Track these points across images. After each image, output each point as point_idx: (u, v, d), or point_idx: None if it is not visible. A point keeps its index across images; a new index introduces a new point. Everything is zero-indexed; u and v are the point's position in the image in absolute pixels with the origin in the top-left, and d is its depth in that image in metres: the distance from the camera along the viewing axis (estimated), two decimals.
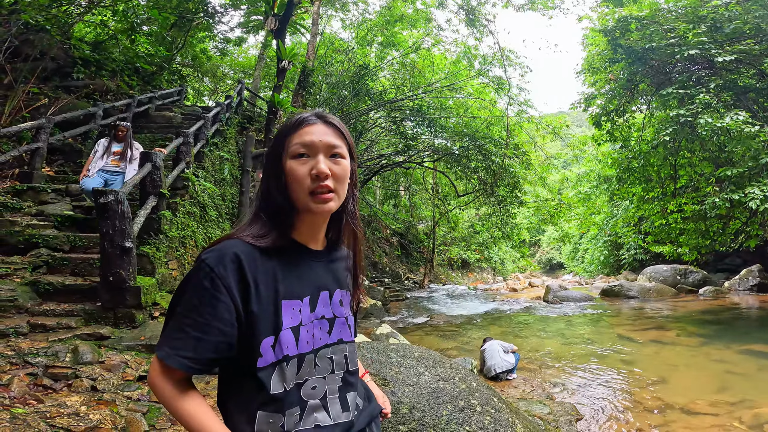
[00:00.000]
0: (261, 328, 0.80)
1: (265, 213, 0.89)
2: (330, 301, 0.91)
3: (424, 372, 2.39)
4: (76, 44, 9.50)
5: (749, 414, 3.33)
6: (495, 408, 2.25)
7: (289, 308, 0.83)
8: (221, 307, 0.78)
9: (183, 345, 0.78)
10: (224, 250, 0.81)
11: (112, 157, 5.57)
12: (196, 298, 0.79)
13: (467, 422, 2.12)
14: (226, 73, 21.70)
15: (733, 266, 13.59)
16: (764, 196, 7.00)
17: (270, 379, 0.80)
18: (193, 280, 0.80)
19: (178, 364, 0.78)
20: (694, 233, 10.04)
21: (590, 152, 20.39)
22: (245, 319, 0.80)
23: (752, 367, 4.63)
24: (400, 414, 2.13)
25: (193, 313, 0.79)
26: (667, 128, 8.74)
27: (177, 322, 0.80)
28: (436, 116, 14.65)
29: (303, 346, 0.83)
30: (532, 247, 41.32)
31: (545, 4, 15.82)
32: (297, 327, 0.83)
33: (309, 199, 0.85)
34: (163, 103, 11.29)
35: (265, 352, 0.80)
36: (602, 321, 8.22)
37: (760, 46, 8.29)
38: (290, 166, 0.86)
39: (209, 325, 0.78)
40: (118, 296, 4.18)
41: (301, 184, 0.85)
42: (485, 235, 20.37)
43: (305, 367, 0.84)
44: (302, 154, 0.86)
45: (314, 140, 0.86)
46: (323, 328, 0.89)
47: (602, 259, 21.93)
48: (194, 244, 6.85)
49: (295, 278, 0.86)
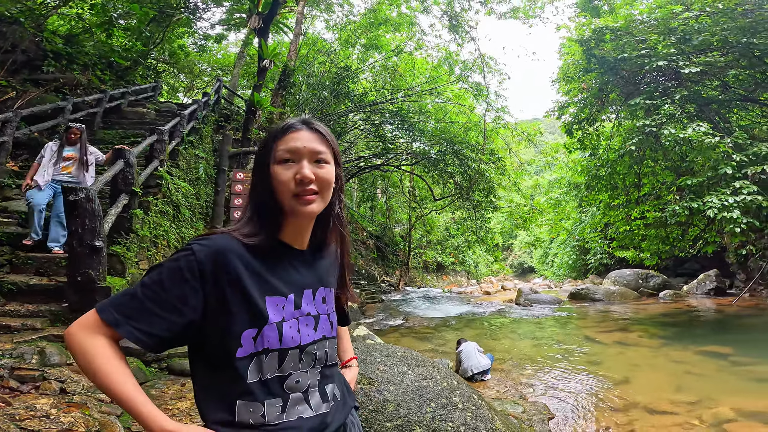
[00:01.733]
0: (242, 319, 0.83)
1: (256, 213, 0.92)
2: (313, 299, 0.95)
3: (407, 371, 2.46)
4: (48, 37, 9.14)
5: (709, 413, 3.53)
6: (476, 405, 2.34)
7: (273, 304, 0.86)
8: (190, 291, 0.81)
9: (139, 316, 0.79)
10: (214, 241, 0.85)
11: (63, 163, 4.95)
12: (169, 277, 0.81)
13: (450, 419, 2.20)
14: (204, 70, 21.22)
15: (692, 271, 14.29)
16: (722, 204, 7.35)
17: (247, 369, 0.82)
18: (173, 261, 0.82)
19: (128, 334, 0.78)
20: (655, 239, 10.50)
21: (562, 159, 21.07)
22: (221, 309, 0.82)
23: (710, 368, 4.91)
24: (386, 411, 2.20)
25: (161, 290, 0.80)
26: (634, 138, 9.00)
27: (139, 293, 0.80)
28: (415, 120, 14.81)
29: (287, 341, 0.86)
30: (505, 251, 42.22)
31: (526, 12, 16.27)
32: (281, 323, 0.86)
33: (294, 202, 0.89)
34: (137, 98, 10.97)
35: (246, 342, 0.82)
36: (570, 323, 8.51)
37: (726, 58, 8.63)
38: (276, 170, 0.90)
39: (171, 304, 0.80)
40: (86, 297, 4.03)
41: (286, 188, 0.89)
42: (460, 239, 20.67)
43: (289, 362, 0.87)
44: (287, 159, 0.90)
45: (299, 146, 0.90)
46: (309, 324, 0.92)
47: (570, 263, 22.66)
48: (166, 244, 6.68)
49: (280, 276, 0.90)
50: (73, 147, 5.09)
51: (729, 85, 9.52)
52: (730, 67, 8.76)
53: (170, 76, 19.50)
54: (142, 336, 0.79)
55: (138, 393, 0.78)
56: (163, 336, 0.80)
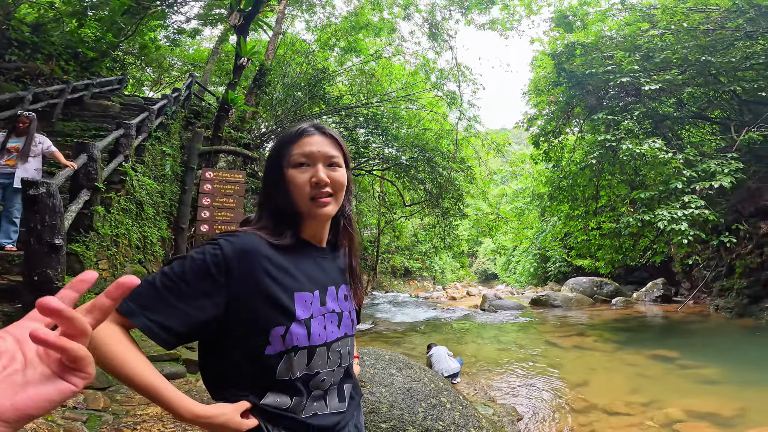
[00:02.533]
0: (271, 317, 0.83)
1: (273, 215, 0.94)
2: (337, 296, 0.97)
3: (396, 373, 2.53)
4: (15, 25, 8.67)
5: (660, 413, 3.79)
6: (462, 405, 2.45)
7: (302, 300, 0.87)
8: (214, 286, 0.79)
9: (155, 307, 0.75)
10: (241, 239, 0.86)
11: (7, 156, 4.56)
12: (192, 269, 0.79)
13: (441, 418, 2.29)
14: (173, 65, 20.47)
15: (641, 279, 15.07)
16: (671, 217, 7.82)
17: (276, 367, 0.83)
18: (198, 253, 0.81)
19: (142, 325, 0.74)
20: (609, 249, 11.01)
21: (527, 170, 21.82)
22: (247, 307, 0.82)
23: (660, 371, 5.25)
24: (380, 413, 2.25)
25: (182, 282, 0.78)
26: (594, 151, 9.36)
27: (158, 283, 0.77)
28: (388, 125, 14.92)
29: (315, 338, 0.87)
30: (470, 258, 43.11)
31: (504, 24, 16.73)
32: (309, 319, 0.87)
33: (311, 205, 0.92)
34: (101, 91, 10.49)
35: (275, 340, 0.82)
36: (532, 328, 8.84)
37: (684, 75, 9.05)
38: (291, 174, 0.92)
39: (192, 297, 0.78)
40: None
41: (302, 191, 0.91)
42: (428, 245, 20.95)
43: (317, 359, 0.87)
44: (302, 163, 0.93)
45: (314, 150, 0.93)
46: (334, 321, 0.93)
47: (532, 270, 23.42)
48: (128, 243, 6.40)
49: (306, 273, 0.92)
50: (20, 138, 4.66)
51: (684, 103, 10.10)
52: (687, 84, 9.18)
53: (136, 69, 18.69)
54: (156, 328, 0.75)
55: (159, 378, 0.74)
56: (179, 331, 0.77)
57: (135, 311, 0.75)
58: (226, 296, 0.81)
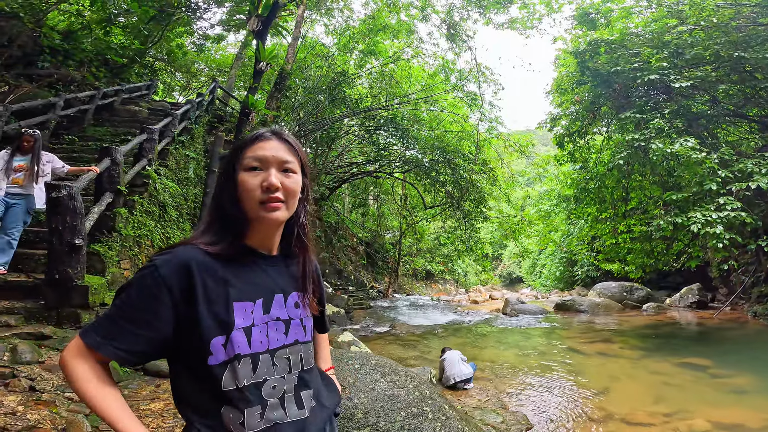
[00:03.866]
0: (211, 328, 0.83)
1: (218, 220, 0.93)
2: (285, 304, 0.95)
3: (379, 379, 2.45)
4: (46, 32, 9.15)
5: (684, 425, 3.56)
6: (446, 415, 2.33)
7: (241, 310, 0.87)
8: (160, 307, 0.83)
9: (117, 336, 0.82)
10: (175, 255, 0.86)
11: (14, 175, 4.39)
12: (138, 295, 0.83)
13: (419, 428, 2.19)
14: (201, 70, 21.18)
15: (675, 284, 14.42)
16: (705, 220, 7.43)
17: (222, 376, 0.83)
18: (139, 279, 0.84)
19: (112, 354, 0.82)
20: (640, 253, 10.57)
21: (552, 172, 21.28)
22: (190, 320, 0.84)
23: (688, 380, 4.96)
24: (354, 419, 2.18)
25: (132, 309, 0.83)
26: (622, 152, 9.01)
27: (113, 314, 0.84)
28: (409, 128, 14.88)
29: (256, 345, 0.87)
30: (494, 261, 42.38)
31: (524, 23, 16.44)
32: (249, 327, 0.87)
33: (259, 209, 0.90)
34: (130, 96, 10.92)
35: (216, 351, 0.83)
36: (555, 333, 8.55)
37: (717, 72, 8.66)
38: (243, 177, 0.91)
39: (147, 322, 0.82)
40: (63, 295, 3.98)
41: (252, 195, 0.90)
42: (450, 248, 20.73)
43: (262, 367, 0.87)
44: (255, 167, 0.92)
45: (267, 155, 0.92)
46: (279, 329, 0.92)
47: (558, 274, 22.77)
48: (150, 244, 6.60)
49: (246, 282, 0.90)
50: (25, 156, 4.49)
51: (718, 100, 9.62)
52: (721, 81, 8.78)
53: (166, 75, 19.45)
54: (123, 354, 0.83)
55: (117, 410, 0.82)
56: (144, 351, 0.84)
57: (101, 344, 0.82)
58: (172, 313, 0.84)
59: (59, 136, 8.01)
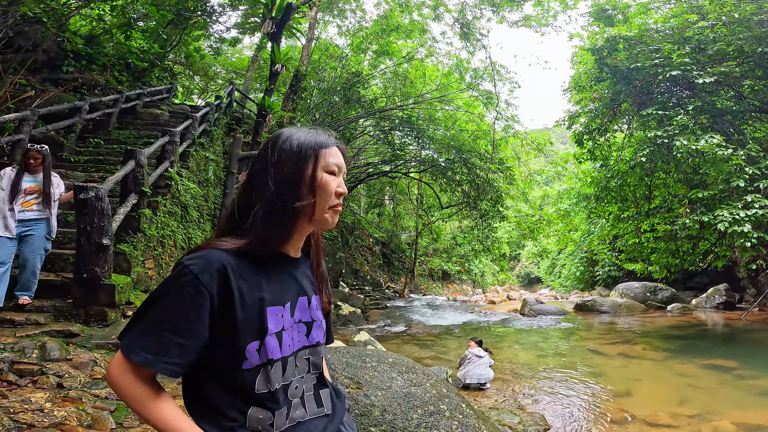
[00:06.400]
0: (246, 333, 0.83)
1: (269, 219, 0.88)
2: (308, 306, 0.97)
3: (397, 377, 2.46)
4: (69, 37, 9.39)
5: (708, 427, 3.47)
6: (463, 414, 2.33)
7: (274, 314, 0.87)
8: (204, 313, 0.82)
9: (165, 351, 0.80)
10: (209, 258, 0.83)
11: (25, 198, 3.93)
12: (180, 304, 0.81)
13: (436, 426, 2.20)
14: (218, 73, 21.59)
15: (701, 285, 14.01)
16: (733, 218, 7.21)
17: (255, 380, 0.84)
18: (175, 286, 0.82)
19: (164, 370, 0.80)
20: (664, 252, 10.30)
21: (571, 170, 20.89)
22: (226, 325, 0.83)
23: (713, 381, 4.82)
24: (372, 416, 2.20)
25: (177, 319, 0.81)
26: (645, 149, 8.83)
27: (154, 326, 0.81)
28: (424, 127, 14.84)
29: (285, 349, 0.88)
30: (512, 261, 41.86)
31: (538, 21, 16.18)
32: (280, 332, 0.88)
33: (329, 212, 0.93)
34: (152, 100, 11.20)
35: (251, 355, 0.83)
36: (575, 334, 8.41)
37: (741, 68, 8.44)
38: (327, 180, 0.92)
39: (194, 331, 0.81)
40: (91, 294, 4.12)
41: (329, 198, 0.92)
42: (466, 248, 20.59)
43: (289, 369, 0.89)
44: (334, 172, 0.94)
45: (340, 162, 0.96)
46: (301, 331, 0.94)
47: (578, 274, 22.35)
48: (173, 244, 6.77)
49: (278, 286, 0.91)
50: (35, 177, 4.03)
51: (744, 96, 9.34)
52: (746, 77, 8.56)
53: (186, 78, 19.89)
54: (174, 368, 0.81)
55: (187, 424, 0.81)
56: (194, 361, 0.83)
57: (152, 361, 0.80)
58: (211, 319, 0.83)
59: (85, 140, 8.27)
